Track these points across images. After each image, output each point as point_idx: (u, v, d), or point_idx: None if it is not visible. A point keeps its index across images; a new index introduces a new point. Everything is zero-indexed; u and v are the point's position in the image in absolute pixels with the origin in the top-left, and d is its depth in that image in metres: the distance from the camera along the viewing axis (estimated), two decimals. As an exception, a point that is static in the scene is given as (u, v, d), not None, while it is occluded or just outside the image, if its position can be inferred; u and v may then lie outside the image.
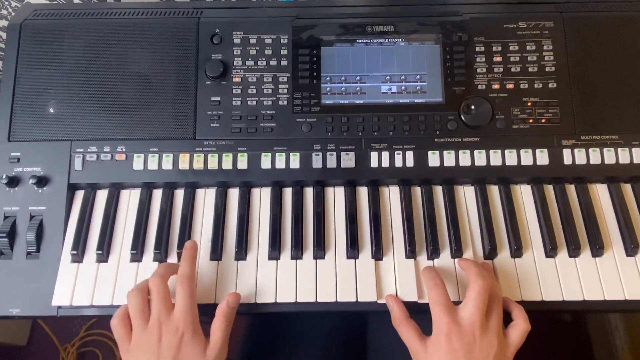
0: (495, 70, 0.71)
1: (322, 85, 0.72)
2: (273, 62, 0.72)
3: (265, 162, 0.69)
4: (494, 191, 0.70)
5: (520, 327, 0.58)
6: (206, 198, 0.70)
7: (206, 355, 0.57)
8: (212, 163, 0.69)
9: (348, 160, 0.69)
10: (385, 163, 0.69)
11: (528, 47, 0.72)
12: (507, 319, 0.61)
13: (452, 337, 0.55)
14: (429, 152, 0.69)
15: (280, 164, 0.69)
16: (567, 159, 0.69)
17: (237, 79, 0.72)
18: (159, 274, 0.60)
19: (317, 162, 0.69)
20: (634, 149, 0.69)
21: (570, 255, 0.66)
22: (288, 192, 0.70)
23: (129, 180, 0.70)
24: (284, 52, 0.72)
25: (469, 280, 0.59)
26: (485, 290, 0.57)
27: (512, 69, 0.71)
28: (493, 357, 0.55)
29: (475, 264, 0.61)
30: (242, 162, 0.69)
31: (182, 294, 0.58)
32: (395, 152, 0.69)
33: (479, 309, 0.56)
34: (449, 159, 0.69)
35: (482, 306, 0.57)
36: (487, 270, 0.64)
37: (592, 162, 0.69)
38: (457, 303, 0.59)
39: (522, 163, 0.69)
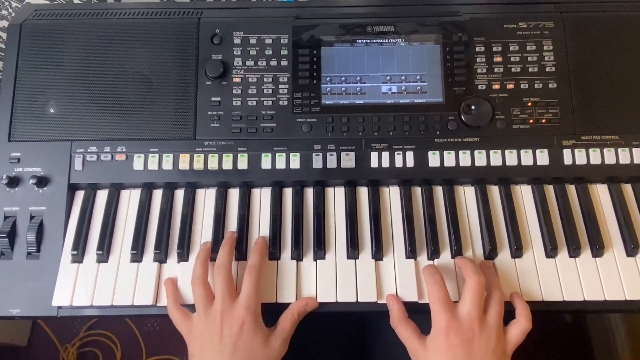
0: (496, 70, 0.71)
1: (322, 85, 0.72)
2: (273, 63, 0.72)
3: (266, 162, 0.69)
4: (494, 191, 0.70)
5: (520, 326, 0.58)
6: (206, 198, 0.70)
7: (269, 344, 0.59)
8: (212, 163, 0.69)
9: (348, 160, 0.69)
10: (386, 163, 0.69)
11: (528, 47, 0.72)
12: (511, 316, 0.61)
13: (451, 333, 0.55)
14: (429, 152, 0.69)
15: (280, 164, 0.69)
16: (567, 159, 0.69)
17: (237, 79, 0.72)
18: (223, 264, 0.61)
19: (317, 162, 0.69)
20: (634, 149, 0.69)
21: (571, 256, 0.66)
22: (288, 193, 0.70)
23: (129, 181, 0.70)
24: (284, 52, 0.73)
25: (465, 277, 0.60)
26: (481, 285, 0.58)
27: (513, 69, 0.71)
28: (492, 352, 0.55)
29: (471, 261, 0.61)
30: (242, 162, 0.69)
31: (248, 283, 0.60)
32: (396, 152, 0.69)
33: (476, 304, 0.57)
34: (449, 159, 0.69)
35: (480, 301, 0.57)
36: (487, 267, 0.64)
37: (592, 162, 0.69)
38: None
39: (523, 163, 0.69)
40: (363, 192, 0.70)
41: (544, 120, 0.70)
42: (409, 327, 0.60)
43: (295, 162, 0.69)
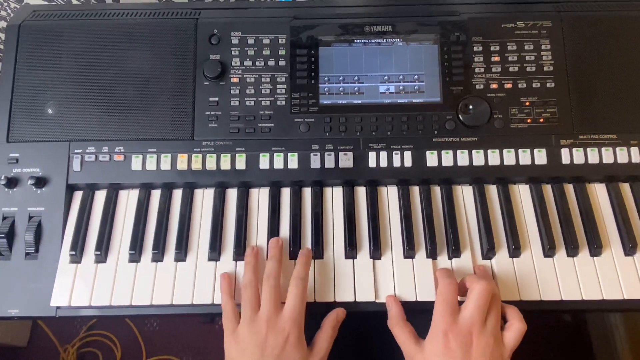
0: (494, 70, 0.71)
1: (320, 85, 0.72)
2: (271, 63, 0.72)
3: (264, 162, 0.69)
4: (492, 191, 0.70)
5: (515, 328, 0.58)
6: (204, 198, 0.70)
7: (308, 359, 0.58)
8: (211, 163, 0.69)
9: (346, 160, 0.69)
10: (384, 163, 0.69)
11: (526, 47, 0.72)
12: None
13: (450, 337, 0.55)
14: (427, 152, 0.69)
15: (278, 164, 0.69)
16: (565, 159, 0.69)
17: (235, 80, 0.72)
18: (273, 274, 0.61)
19: (315, 162, 0.69)
20: (632, 149, 0.69)
21: (569, 255, 0.66)
22: (286, 193, 0.70)
23: (128, 181, 0.70)
24: (282, 52, 0.73)
25: (472, 282, 0.59)
26: (488, 291, 0.57)
27: (510, 69, 0.71)
28: (489, 358, 0.55)
29: (477, 274, 0.61)
30: (240, 163, 0.69)
31: (295, 295, 0.59)
32: (394, 152, 0.69)
33: (480, 310, 0.56)
34: (447, 159, 0.69)
35: (484, 307, 0.57)
36: (484, 271, 0.64)
37: (590, 161, 0.69)
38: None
39: (521, 163, 0.69)
40: (361, 192, 0.70)
41: (541, 120, 0.70)
42: (406, 329, 0.60)
43: (293, 162, 0.69)
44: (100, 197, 0.70)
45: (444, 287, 0.59)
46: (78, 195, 0.70)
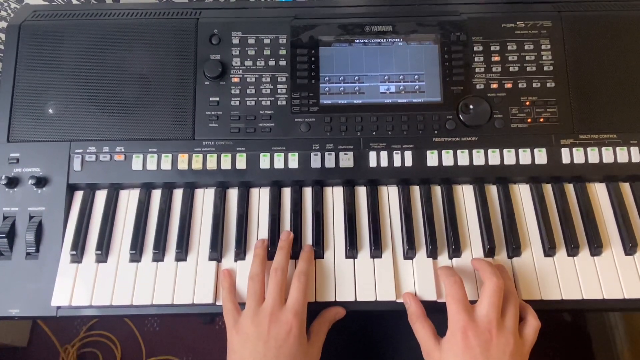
0: (494, 69, 0.72)
1: (320, 85, 0.72)
2: (272, 63, 0.72)
3: (264, 162, 0.69)
4: (493, 190, 0.70)
5: (532, 325, 0.58)
6: (205, 198, 0.70)
7: (308, 353, 0.59)
8: (211, 163, 0.69)
9: (347, 160, 0.69)
10: (384, 163, 0.69)
11: (526, 47, 0.72)
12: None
13: (469, 335, 0.55)
14: (428, 152, 0.69)
15: (279, 164, 0.69)
16: (565, 158, 0.69)
17: (235, 79, 0.72)
18: (281, 267, 0.62)
19: (315, 162, 0.69)
20: (632, 148, 0.69)
21: (569, 255, 0.66)
22: (287, 192, 0.70)
23: (128, 181, 0.70)
24: (283, 52, 0.73)
25: (483, 279, 0.59)
26: (500, 288, 0.57)
27: (511, 69, 0.71)
28: (510, 355, 0.55)
29: (489, 264, 0.61)
30: (241, 162, 0.69)
31: (298, 289, 0.60)
32: (394, 152, 0.69)
33: (495, 307, 0.56)
34: (448, 159, 0.69)
35: (498, 304, 0.57)
36: (501, 270, 0.64)
37: (590, 161, 0.69)
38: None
39: (521, 162, 0.69)
40: (362, 192, 0.70)
41: (542, 120, 0.70)
42: (426, 325, 0.60)
43: (293, 161, 0.69)
44: (100, 197, 0.70)
45: (451, 285, 0.59)
46: (79, 195, 0.70)
